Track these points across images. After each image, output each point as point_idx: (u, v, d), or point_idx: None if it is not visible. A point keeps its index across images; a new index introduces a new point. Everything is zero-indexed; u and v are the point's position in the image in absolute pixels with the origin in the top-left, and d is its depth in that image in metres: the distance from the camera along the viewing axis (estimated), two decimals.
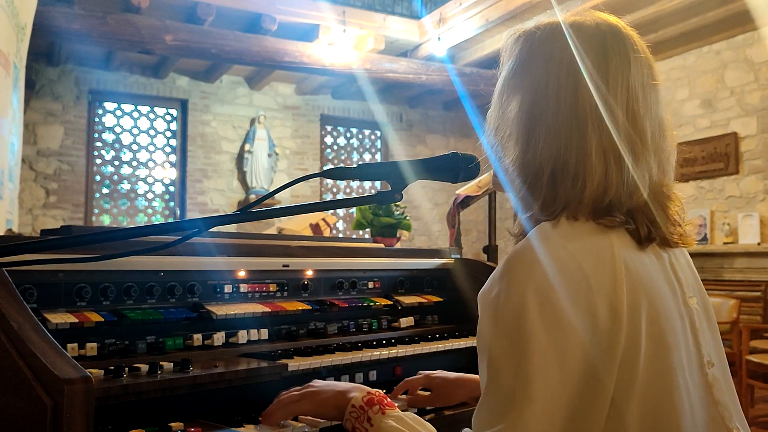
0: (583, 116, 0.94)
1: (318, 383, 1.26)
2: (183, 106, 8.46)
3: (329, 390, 1.21)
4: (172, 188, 8.49)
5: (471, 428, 0.91)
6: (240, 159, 8.58)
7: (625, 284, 0.89)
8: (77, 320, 1.30)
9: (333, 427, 1.27)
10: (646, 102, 0.98)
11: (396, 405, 1.15)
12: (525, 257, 0.90)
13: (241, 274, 1.64)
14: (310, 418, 1.28)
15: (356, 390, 1.18)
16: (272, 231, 3.52)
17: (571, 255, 0.89)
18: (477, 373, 0.96)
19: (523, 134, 0.98)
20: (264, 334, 1.60)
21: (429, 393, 1.49)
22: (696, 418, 0.92)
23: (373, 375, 1.65)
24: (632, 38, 1.00)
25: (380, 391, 1.17)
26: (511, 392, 0.86)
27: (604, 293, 0.87)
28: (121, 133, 8.19)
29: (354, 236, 7.20)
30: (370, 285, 1.95)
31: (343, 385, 1.23)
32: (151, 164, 8.35)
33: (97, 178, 8.05)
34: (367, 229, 2.63)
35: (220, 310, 1.53)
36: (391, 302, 1.94)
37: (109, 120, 8.16)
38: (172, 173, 8.49)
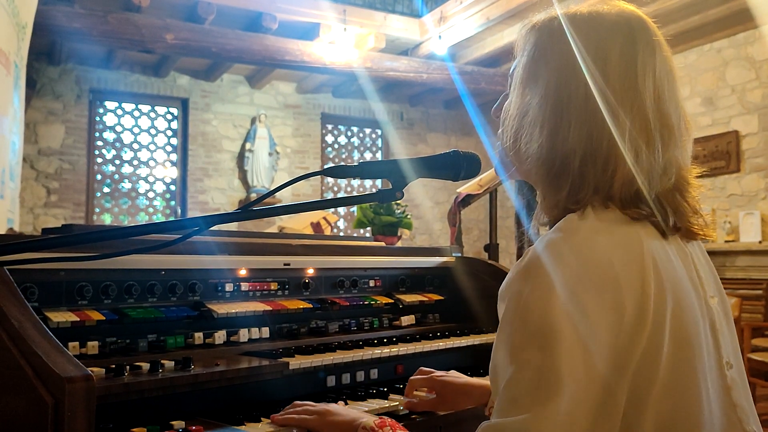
0: (613, 101, 0.93)
1: (334, 406, 1.27)
2: (184, 104, 8.46)
3: (342, 413, 1.21)
4: (173, 187, 8.49)
5: (485, 424, 0.88)
6: (241, 158, 8.58)
7: (653, 282, 0.87)
8: (78, 319, 1.30)
9: None
10: (671, 88, 0.97)
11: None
12: (552, 250, 0.88)
13: (242, 272, 1.64)
14: None
15: (368, 416, 1.18)
16: (273, 230, 3.52)
17: (601, 249, 0.87)
18: (479, 372, 0.95)
19: (549, 120, 0.96)
20: (265, 332, 1.60)
21: (433, 397, 1.46)
22: (714, 421, 0.91)
23: (374, 373, 1.64)
24: (652, 25, 1.00)
25: (392, 419, 1.17)
26: (536, 385, 0.83)
27: (631, 289, 0.86)
28: (122, 132, 8.20)
29: (355, 235, 7.21)
30: (371, 283, 1.95)
31: (357, 412, 1.23)
32: (152, 163, 8.35)
33: (98, 177, 8.05)
34: (368, 228, 2.63)
35: (221, 309, 1.53)
36: (392, 300, 1.94)
37: (110, 119, 8.16)
38: (173, 172, 8.49)
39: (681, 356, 0.88)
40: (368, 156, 9.79)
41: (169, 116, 8.49)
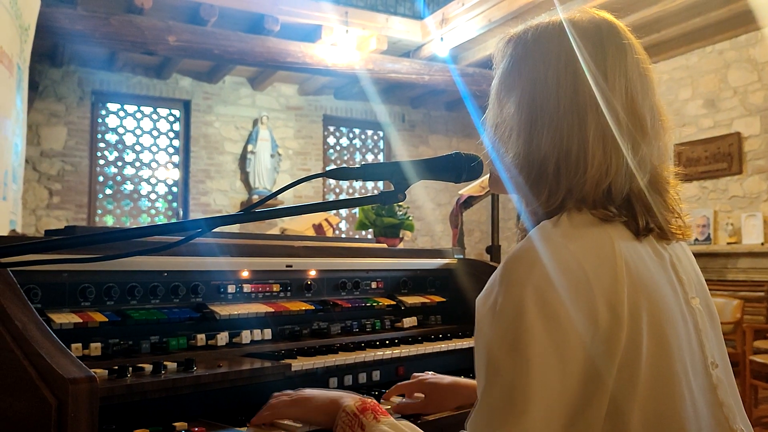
0: (583, 105, 0.95)
1: (309, 390, 1.24)
2: (186, 106, 8.47)
3: (321, 397, 1.20)
4: (175, 189, 8.50)
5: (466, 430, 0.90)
6: (243, 160, 8.59)
7: (626, 284, 0.88)
8: (81, 320, 1.30)
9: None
10: (644, 88, 0.99)
11: (388, 413, 1.14)
12: (524, 258, 0.90)
13: (245, 274, 1.64)
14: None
15: (349, 397, 1.17)
16: (275, 231, 3.53)
17: (572, 255, 0.88)
18: None
19: (524, 129, 0.99)
20: (267, 334, 1.60)
21: (420, 399, 1.44)
22: (700, 420, 0.92)
23: (376, 375, 1.65)
24: (624, 29, 1.02)
25: (373, 399, 1.16)
26: (510, 395, 0.85)
27: (604, 293, 0.87)
28: (124, 133, 8.21)
29: (357, 236, 7.21)
30: (373, 285, 1.95)
31: (335, 392, 1.22)
32: (154, 165, 8.36)
33: (101, 178, 8.06)
34: (370, 230, 2.63)
35: (223, 311, 1.53)
36: (394, 302, 1.94)
37: (112, 121, 8.17)
38: (175, 174, 8.50)
39: (660, 357, 0.89)
40: (370, 158, 9.79)
41: (171, 118, 8.50)
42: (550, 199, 0.97)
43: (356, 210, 6.93)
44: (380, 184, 8.90)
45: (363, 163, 1.11)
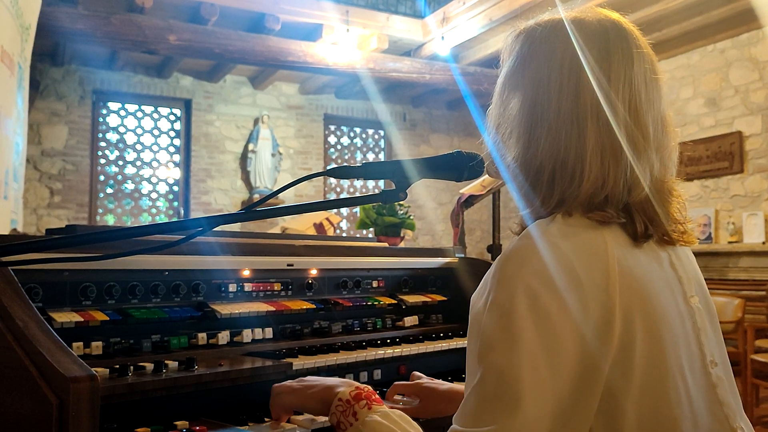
0: (584, 113, 0.94)
1: (311, 378, 1.25)
2: (187, 105, 8.48)
3: (318, 384, 1.20)
4: (176, 188, 8.51)
5: (455, 426, 0.89)
6: (244, 159, 8.59)
7: (619, 283, 0.88)
8: (82, 319, 1.30)
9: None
10: (649, 98, 0.97)
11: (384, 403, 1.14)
12: (516, 255, 0.90)
13: (246, 273, 1.64)
14: (307, 416, 1.28)
15: (344, 384, 1.17)
16: (276, 230, 3.53)
17: (564, 253, 0.88)
18: None
19: (524, 132, 0.98)
20: (268, 333, 1.60)
21: (416, 403, 1.44)
22: (698, 419, 0.91)
23: (377, 374, 1.65)
24: (634, 33, 1.00)
25: (369, 387, 1.16)
26: (502, 390, 0.85)
27: (595, 291, 0.87)
28: (125, 132, 8.22)
29: (358, 236, 7.20)
30: (374, 284, 1.95)
31: (333, 380, 1.22)
32: (154, 164, 8.37)
33: (102, 177, 8.07)
34: (371, 229, 2.63)
35: (224, 309, 1.53)
36: (396, 301, 1.94)
37: (113, 120, 8.18)
38: (176, 173, 8.50)
39: (654, 355, 0.89)
40: (371, 157, 9.80)
41: (172, 117, 8.50)
42: (544, 203, 0.97)
43: (357, 209, 6.93)
44: (381, 183, 8.94)
45: (364, 162, 1.12)
